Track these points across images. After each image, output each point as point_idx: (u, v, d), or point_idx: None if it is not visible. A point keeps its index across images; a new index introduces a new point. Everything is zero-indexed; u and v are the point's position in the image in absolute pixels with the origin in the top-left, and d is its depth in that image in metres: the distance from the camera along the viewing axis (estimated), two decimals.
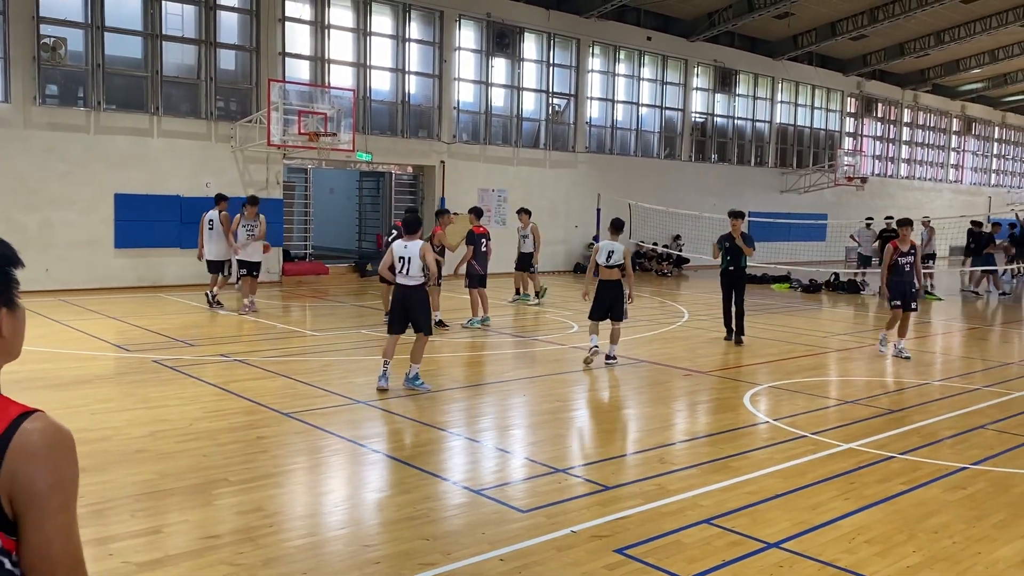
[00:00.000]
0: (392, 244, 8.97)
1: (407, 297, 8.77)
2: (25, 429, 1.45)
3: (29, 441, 1.44)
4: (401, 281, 8.78)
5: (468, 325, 13.45)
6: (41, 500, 1.43)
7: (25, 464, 1.43)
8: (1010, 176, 46.03)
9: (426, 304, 8.93)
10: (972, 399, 9.11)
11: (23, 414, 1.46)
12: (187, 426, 7.20)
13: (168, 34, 18.30)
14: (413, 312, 8.79)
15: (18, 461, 1.43)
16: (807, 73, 32.75)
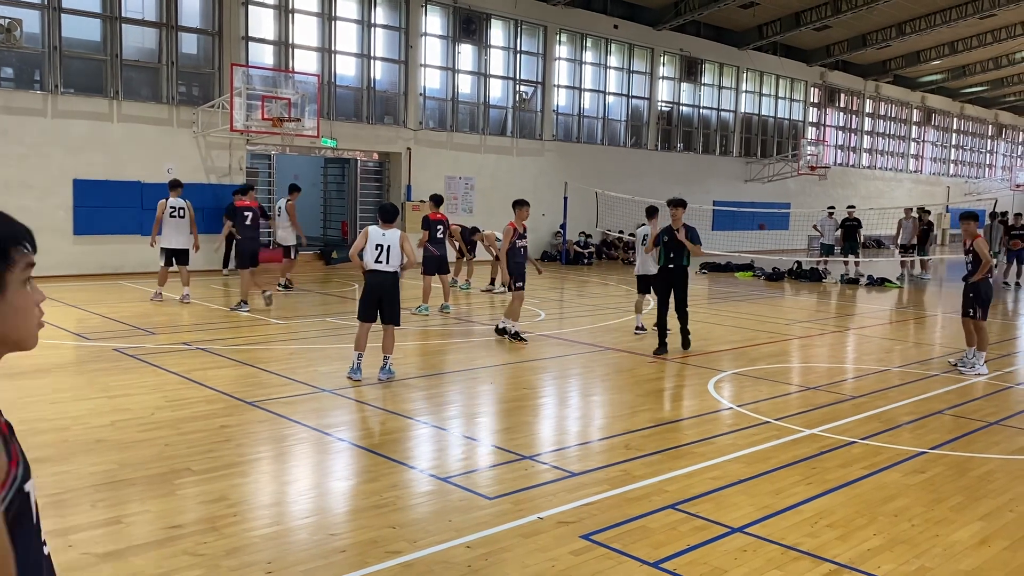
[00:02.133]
0: (368, 229, 8.80)
1: (382, 285, 8.65)
2: None
3: None
4: (378, 268, 8.64)
5: (417, 312, 13.33)
6: None
7: None
8: (968, 167, 46.88)
9: (397, 294, 8.82)
10: (930, 385, 9.29)
11: None
12: (149, 415, 7.10)
13: (128, 16, 17.94)
14: (387, 301, 8.69)
15: None
16: (772, 63, 33.03)
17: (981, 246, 10.16)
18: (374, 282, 8.69)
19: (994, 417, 7.93)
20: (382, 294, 8.65)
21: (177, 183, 14.09)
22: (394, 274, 8.67)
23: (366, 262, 8.68)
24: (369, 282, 8.75)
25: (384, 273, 8.63)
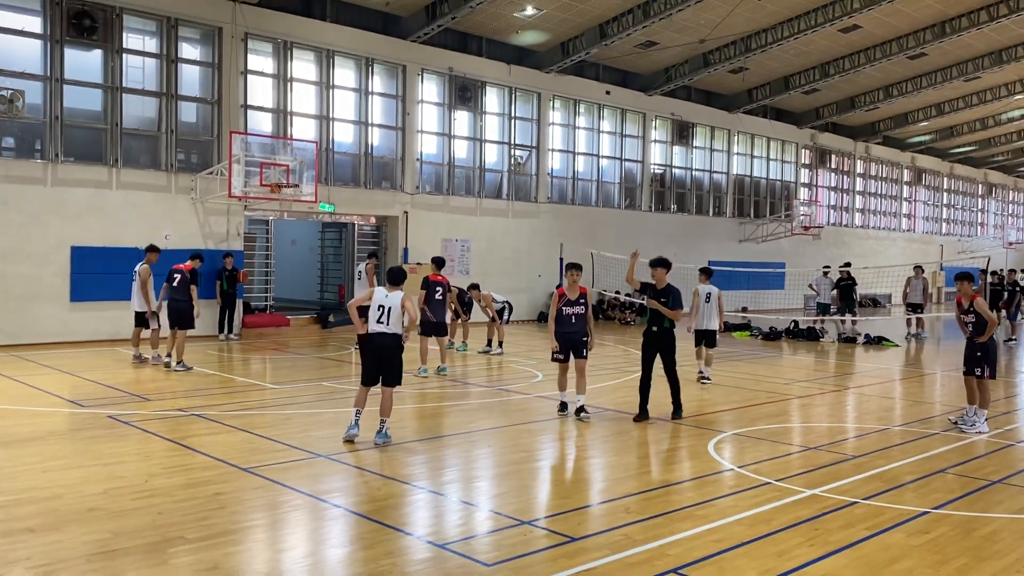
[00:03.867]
0: (375, 289, 8.84)
1: (383, 346, 8.61)
2: None
3: None
4: (379, 329, 8.62)
5: (420, 374, 13.32)
6: None
7: None
8: (959, 225, 47.31)
9: (400, 355, 8.75)
10: (932, 444, 9.22)
11: None
12: (143, 483, 7.00)
13: (129, 87, 18.26)
14: (387, 363, 8.64)
15: None
16: (762, 126, 33.59)
17: (982, 306, 9.99)
18: (374, 344, 8.66)
19: (997, 476, 7.85)
20: (382, 355, 8.61)
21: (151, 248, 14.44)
22: (395, 336, 8.64)
23: (368, 324, 8.68)
24: (369, 344, 8.72)
25: (385, 335, 8.61)
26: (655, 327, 10.38)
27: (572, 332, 10.16)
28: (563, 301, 10.19)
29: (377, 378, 8.68)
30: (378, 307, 8.61)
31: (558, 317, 10.17)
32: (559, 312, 10.17)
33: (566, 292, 10.20)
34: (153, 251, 14.47)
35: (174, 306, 13.87)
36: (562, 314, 10.17)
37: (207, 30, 19.37)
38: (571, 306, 10.17)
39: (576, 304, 10.19)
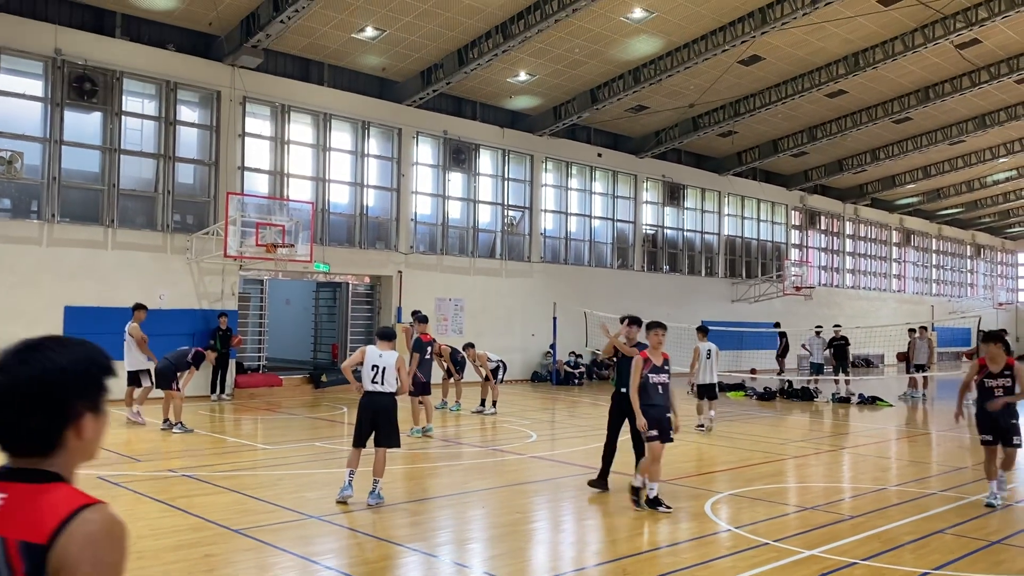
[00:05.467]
0: (365, 348, 8.80)
1: (379, 406, 8.56)
2: (84, 517, 1.63)
3: (84, 528, 1.61)
4: (374, 389, 8.59)
5: (412, 434, 13.20)
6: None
7: (76, 547, 1.59)
8: (949, 286, 47.65)
9: (395, 416, 8.67)
10: (929, 503, 9.15)
11: (86, 504, 1.65)
12: (132, 545, 6.88)
13: (127, 148, 18.47)
14: (382, 423, 8.56)
15: (71, 544, 1.59)
16: (752, 188, 34.05)
17: (1021, 373, 8.80)
18: (369, 403, 8.61)
19: (996, 536, 7.79)
20: (377, 416, 8.55)
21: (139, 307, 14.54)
22: (391, 395, 8.60)
23: (363, 383, 8.65)
24: (364, 403, 8.67)
25: (380, 394, 8.57)
26: (624, 388, 9.35)
27: (660, 405, 8.59)
28: (649, 368, 8.61)
29: (368, 439, 8.61)
30: (372, 366, 8.58)
31: (644, 388, 8.57)
32: (644, 381, 8.57)
33: (650, 357, 8.67)
34: (141, 309, 14.48)
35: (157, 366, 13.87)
36: (648, 383, 8.58)
37: (206, 93, 19.70)
38: (658, 373, 8.65)
39: (662, 371, 8.69)
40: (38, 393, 1.71)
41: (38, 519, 1.63)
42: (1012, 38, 22.81)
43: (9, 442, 1.73)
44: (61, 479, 1.73)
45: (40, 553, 1.60)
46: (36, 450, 1.73)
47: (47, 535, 1.61)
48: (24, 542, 1.62)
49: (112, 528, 1.66)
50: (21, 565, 1.61)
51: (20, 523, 1.64)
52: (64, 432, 1.74)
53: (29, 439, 1.72)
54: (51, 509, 1.64)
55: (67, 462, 1.76)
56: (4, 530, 1.64)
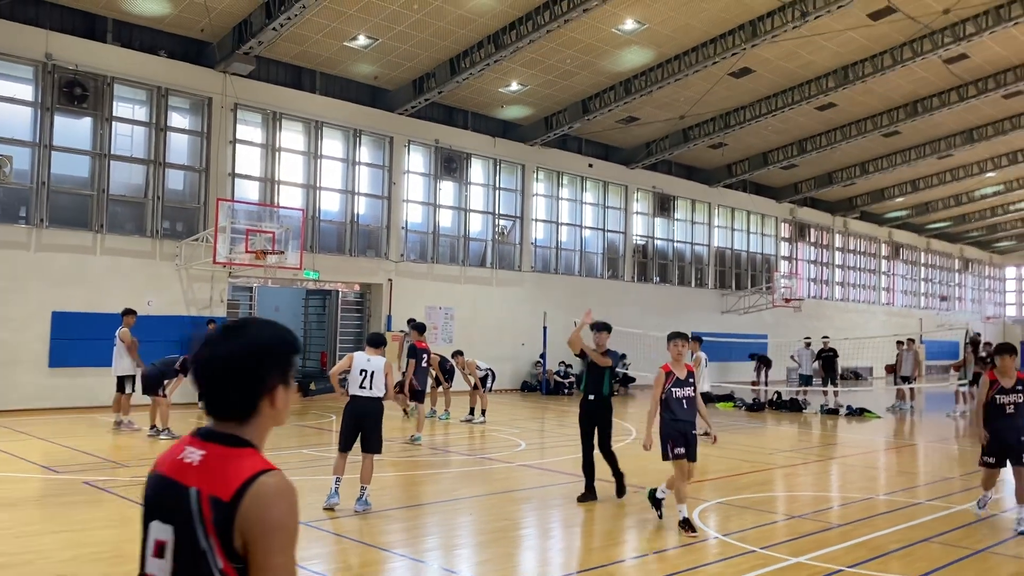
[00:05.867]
0: (354, 354, 8.77)
1: (365, 411, 8.54)
2: (261, 481, 1.87)
3: (261, 490, 1.85)
4: (361, 394, 8.56)
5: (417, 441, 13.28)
6: (267, 538, 1.83)
7: (258, 508, 1.84)
8: (938, 299, 47.91)
9: (380, 421, 8.64)
10: (916, 512, 9.18)
11: (265, 470, 1.89)
12: (116, 550, 6.84)
13: (117, 154, 18.43)
14: (368, 428, 8.53)
15: (250, 504, 1.84)
16: (742, 200, 34.20)
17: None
18: (356, 408, 8.58)
19: (981, 545, 7.81)
20: (364, 421, 8.52)
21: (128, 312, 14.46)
22: (378, 400, 8.58)
23: (349, 388, 8.62)
24: (351, 408, 8.63)
25: (367, 399, 8.55)
26: (592, 395, 9.34)
27: (685, 420, 8.09)
28: (671, 381, 8.08)
29: (354, 444, 8.58)
30: (360, 371, 8.55)
31: (666, 402, 8.09)
32: (668, 395, 8.07)
33: (672, 369, 8.13)
34: (130, 315, 14.40)
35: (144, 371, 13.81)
36: (672, 397, 8.06)
37: (197, 100, 19.69)
38: (681, 387, 8.12)
39: (686, 384, 8.16)
40: (241, 367, 2.00)
41: (226, 479, 1.88)
42: (999, 53, 23.04)
43: (214, 408, 2.03)
44: (251, 445, 1.99)
45: (225, 509, 1.85)
46: (236, 415, 2.01)
47: (231, 494, 1.86)
48: (214, 497, 1.88)
49: (284, 491, 1.89)
50: (211, 515, 1.87)
51: (212, 480, 1.90)
52: (260, 401, 2.02)
53: (231, 406, 2.01)
54: (236, 472, 1.89)
55: (260, 428, 2.03)
56: (199, 483, 1.91)
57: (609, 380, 9.42)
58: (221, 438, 1.99)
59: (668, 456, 8.06)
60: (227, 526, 1.85)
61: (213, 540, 1.86)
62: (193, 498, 1.90)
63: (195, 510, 1.89)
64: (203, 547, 1.86)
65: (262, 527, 1.84)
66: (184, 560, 1.90)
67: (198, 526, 1.88)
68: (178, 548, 1.91)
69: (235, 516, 1.84)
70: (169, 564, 1.93)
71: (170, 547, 1.93)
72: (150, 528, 1.99)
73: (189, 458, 1.98)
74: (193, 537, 1.88)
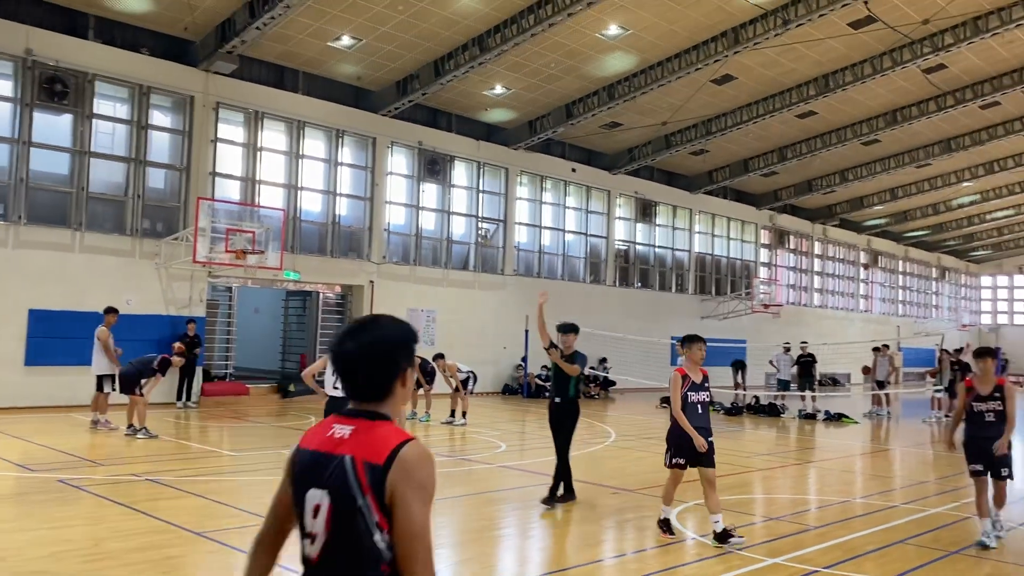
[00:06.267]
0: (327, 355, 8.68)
1: (338, 411, 8.51)
2: (408, 447, 2.24)
3: (409, 454, 2.22)
4: (335, 394, 8.55)
5: None
6: (412, 494, 2.18)
7: (405, 469, 2.20)
8: (915, 307, 48.42)
9: None
10: (892, 515, 9.27)
11: (409, 439, 2.26)
12: (92, 546, 6.79)
13: (97, 151, 18.28)
14: None
15: (400, 466, 2.20)
16: (723, 206, 34.42)
17: (1012, 395, 7.83)
18: (331, 408, 8.57)
19: (955, 547, 7.90)
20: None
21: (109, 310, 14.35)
22: (341, 399, 8.56)
23: (326, 388, 8.61)
24: (327, 409, 8.63)
25: (342, 399, 8.54)
26: (558, 398, 9.26)
27: (700, 427, 7.77)
28: (688, 385, 7.78)
29: None
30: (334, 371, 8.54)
31: (684, 407, 7.77)
32: (684, 400, 7.77)
33: (688, 373, 7.83)
34: (111, 313, 14.29)
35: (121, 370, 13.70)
36: (688, 401, 7.75)
37: (179, 98, 19.58)
38: (698, 391, 7.82)
39: (702, 389, 7.87)
40: (380, 355, 2.38)
41: (377, 447, 2.24)
42: (976, 64, 23.35)
43: (358, 391, 2.39)
44: (389, 419, 2.35)
45: (379, 471, 2.20)
46: (377, 396, 2.38)
47: (383, 458, 2.21)
48: (367, 462, 2.22)
49: (425, 456, 2.25)
50: (366, 477, 2.21)
51: (364, 448, 2.25)
52: (394, 383, 2.39)
53: (372, 388, 2.38)
54: (384, 440, 2.25)
55: (395, 404, 2.40)
56: (353, 451, 2.26)
57: (575, 383, 9.32)
58: (365, 415, 2.36)
59: (668, 463, 7.86)
60: (380, 485, 2.20)
61: (369, 497, 2.20)
62: (348, 464, 2.25)
63: (351, 474, 2.23)
64: (359, 504, 2.21)
65: (408, 485, 2.19)
66: (342, 516, 2.23)
67: (354, 486, 2.22)
68: (335, 507, 2.24)
69: (386, 477, 2.20)
70: (324, 520, 2.26)
71: (325, 508, 2.26)
72: (307, 496, 2.31)
73: (339, 433, 2.34)
74: (350, 496, 2.22)
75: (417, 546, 2.18)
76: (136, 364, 13.59)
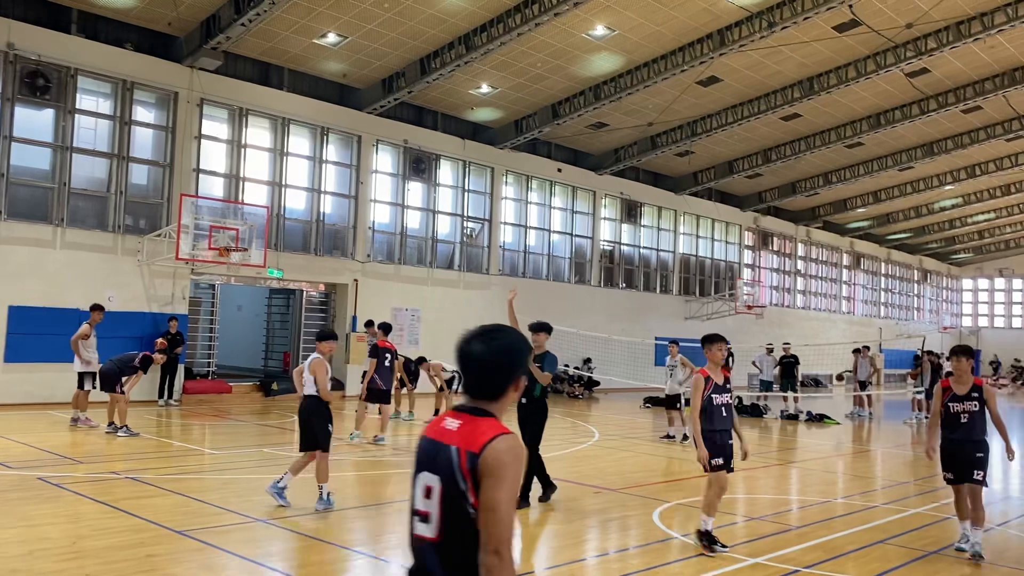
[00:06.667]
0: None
1: (305, 409, 8.57)
2: (500, 438, 2.58)
3: (499, 445, 2.57)
4: (303, 392, 8.62)
5: (352, 440, 13.06)
6: (497, 478, 2.52)
7: (495, 457, 2.55)
8: (897, 309, 48.78)
9: (318, 418, 8.50)
10: (873, 516, 9.34)
11: (503, 433, 2.59)
12: (70, 544, 6.73)
13: (79, 147, 18.12)
14: (306, 426, 8.53)
15: (491, 455, 2.55)
16: (707, 207, 34.54)
17: (992, 396, 7.51)
18: (300, 406, 8.64)
19: (933, 547, 7.97)
20: (305, 418, 8.55)
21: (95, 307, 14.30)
22: (313, 398, 8.52)
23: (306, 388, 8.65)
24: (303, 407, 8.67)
25: (306, 397, 8.59)
26: (524, 398, 9.07)
27: (724, 430, 7.45)
28: (711, 388, 7.43)
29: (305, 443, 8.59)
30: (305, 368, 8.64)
31: (706, 410, 7.38)
32: (707, 402, 7.38)
33: (711, 375, 7.50)
34: (96, 310, 14.18)
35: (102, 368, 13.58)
36: (712, 404, 7.37)
37: (163, 94, 19.43)
38: (721, 393, 7.47)
39: (725, 390, 7.52)
40: (503, 360, 2.71)
41: (476, 438, 2.59)
42: (959, 68, 23.55)
43: (476, 390, 2.72)
44: (494, 416, 2.68)
45: (474, 458, 2.56)
46: (491, 395, 2.71)
47: (479, 448, 2.56)
48: (468, 451, 2.58)
49: (515, 447, 2.59)
50: (466, 465, 2.57)
51: (467, 439, 2.61)
52: (508, 386, 2.73)
53: (490, 389, 2.71)
54: (483, 432, 2.60)
55: (503, 405, 2.72)
56: (458, 442, 2.61)
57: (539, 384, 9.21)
58: (474, 411, 2.69)
59: (707, 468, 7.40)
60: (475, 471, 2.54)
61: (467, 482, 2.55)
62: (454, 453, 2.60)
63: (455, 462, 2.59)
64: (461, 488, 2.56)
65: (494, 469, 2.52)
66: (449, 498, 2.59)
67: (457, 473, 2.57)
68: (444, 490, 2.60)
69: (478, 462, 2.54)
70: (437, 502, 2.61)
71: (437, 490, 2.62)
72: (419, 477, 2.69)
73: (450, 425, 2.69)
74: (455, 481, 2.57)
75: (492, 517, 2.51)
76: (117, 362, 13.47)
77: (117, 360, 13.49)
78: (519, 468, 2.58)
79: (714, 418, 7.38)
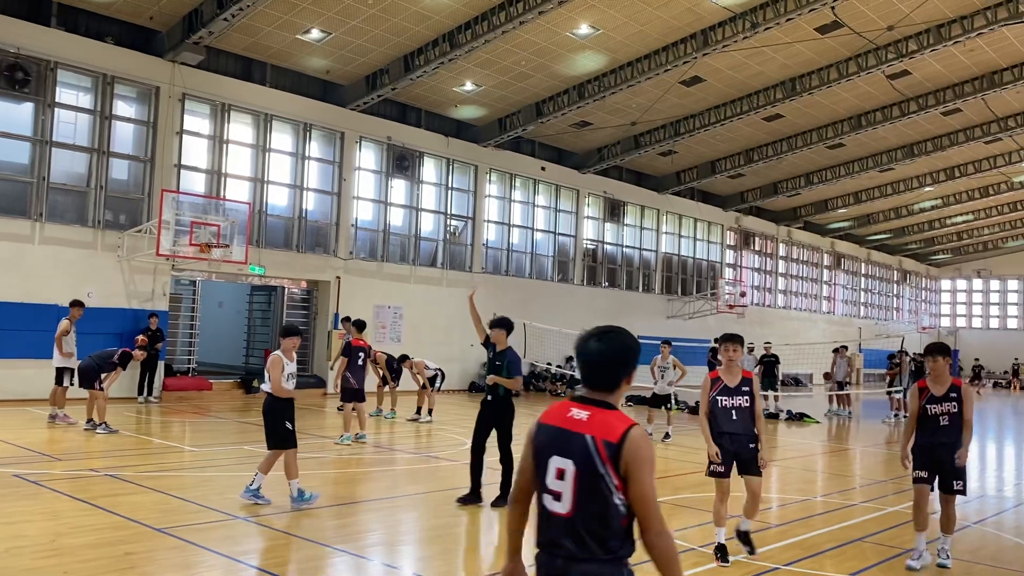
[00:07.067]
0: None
1: (264, 406, 8.54)
2: (635, 429, 2.90)
3: (636, 434, 2.90)
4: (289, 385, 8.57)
5: (340, 442, 13.01)
6: (641, 464, 2.86)
7: (635, 446, 2.88)
8: (876, 309, 49.20)
9: (275, 416, 8.43)
10: (851, 514, 9.42)
11: (633, 424, 2.91)
12: (48, 542, 6.67)
13: (59, 141, 17.93)
14: (265, 424, 8.50)
15: (631, 445, 2.87)
16: (690, 207, 34.69)
17: (969, 397, 7.16)
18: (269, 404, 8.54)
19: (910, 545, 8.03)
20: (264, 415, 8.51)
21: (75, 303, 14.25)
22: (271, 395, 8.47)
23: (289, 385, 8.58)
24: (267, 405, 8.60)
25: (266, 394, 8.54)
26: (489, 396, 9.01)
27: (734, 433, 7.10)
28: (717, 389, 7.20)
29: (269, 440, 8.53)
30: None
31: (712, 413, 7.19)
32: (712, 404, 7.18)
33: (721, 376, 7.27)
34: (76, 306, 14.06)
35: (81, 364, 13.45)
36: (717, 406, 7.14)
37: (144, 89, 19.27)
38: (730, 396, 7.16)
39: (737, 393, 7.17)
40: (622, 357, 3.02)
41: (612, 429, 2.90)
42: (939, 71, 23.78)
43: (596, 383, 3.02)
44: (615, 407, 2.99)
45: (615, 447, 2.87)
46: (608, 388, 3.02)
47: (618, 437, 2.88)
48: (605, 440, 2.89)
49: (647, 436, 2.94)
50: (605, 452, 2.88)
51: (600, 429, 2.91)
52: (623, 379, 3.03)
53: (608, 382, 3.01)
54: (617, 424, 2.91)
55: (618, 396, 3.02)
56: (592, 431, 2.92)
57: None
58: (598, 403, 2.99)
59: (711, 472, 7.20)
60: (616, 458, 2.86)
61: (608, 467, 2.86)
62: (590, 442, 2.90)
63: (592, 449, 2.89)
64: (601, 471, 2.87)
65: (638, 457, 2.86)
66: (586, 480, 2.88)
67: (596, 459, 2.87)
68: (580, 473, 2.89)
69: (621, 451, 2.86)
70: (571, 483, 2.90)
71: (571, 472, 2.91)
72: (550, 460, 2.96)
73: (578, 416, 2.97)
74: (592, 465, 2.88)
75: (649, 504, 2.85)
76: (96, 358, 13.35)
77: (96, 356, 13.37)
78: (654, 453, 2.92)
79: (720, 421, 7.13)
